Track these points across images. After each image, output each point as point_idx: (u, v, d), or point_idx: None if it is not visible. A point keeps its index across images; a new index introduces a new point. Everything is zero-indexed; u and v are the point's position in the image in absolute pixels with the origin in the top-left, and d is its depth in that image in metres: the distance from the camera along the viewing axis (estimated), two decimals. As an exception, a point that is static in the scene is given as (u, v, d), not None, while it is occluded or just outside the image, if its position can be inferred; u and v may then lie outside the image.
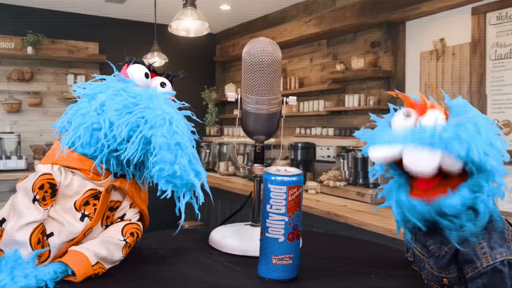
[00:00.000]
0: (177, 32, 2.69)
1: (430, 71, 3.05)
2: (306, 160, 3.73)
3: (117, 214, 0.86)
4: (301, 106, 4.04)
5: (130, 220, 0.86)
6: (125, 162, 0.77)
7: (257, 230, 0.81)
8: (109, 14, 4.77)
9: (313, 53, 4.13)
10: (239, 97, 0.96)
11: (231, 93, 0.97)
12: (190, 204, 0.73)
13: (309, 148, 3.75)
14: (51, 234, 0.76)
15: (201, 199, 0.73)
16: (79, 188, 0.77)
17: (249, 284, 0.75)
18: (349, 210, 2.70)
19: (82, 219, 0.78)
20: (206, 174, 0.74)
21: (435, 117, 0.63)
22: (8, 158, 4.18)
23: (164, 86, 0.84)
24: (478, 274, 0.64)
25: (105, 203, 0.80)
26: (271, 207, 0.74)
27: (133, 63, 0.83)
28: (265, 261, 0.76)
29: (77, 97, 0.78)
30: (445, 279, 0.70)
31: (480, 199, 0.61)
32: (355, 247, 1.05)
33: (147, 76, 0.82)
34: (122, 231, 0.82)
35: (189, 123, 0.79)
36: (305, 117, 4.15)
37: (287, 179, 0.73)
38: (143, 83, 0.80)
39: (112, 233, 0.81)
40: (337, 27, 3.54)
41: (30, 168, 4.26)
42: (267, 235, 0.75)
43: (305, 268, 0.80)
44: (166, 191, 0.69)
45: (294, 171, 0.76)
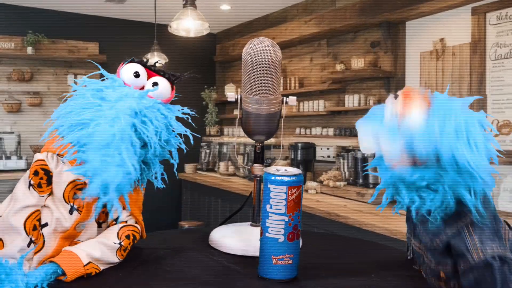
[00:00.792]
0: (177, 32, 2.69)
1: (430, 71, 3.05)
2: (306, 160, 3.73)
3: (110, 214, 0.85)
4: (301, 106, 4.04)
5: (126, 222, 0.86)
6: None
7: (257, 230, 0.81)
8: (109, 14, 4.77)
9: (313, 53, 4.13)
10: (239, 97, 0.96)
11: (231, 93, 0.97)
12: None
13: (309, 148, 3.75)
14: (46, 224, 0.77)
15: (114, 203, 0.72)
16: (68, 177, 0.78)
17: (249, 284, 0.75)
18: (349, 210, 2.70)
19: (71, 212, 0.79)
20: (128, 178, 0.71)
21: (412, 113, 0.66)
22: (8, 158, 4.18)
23: (156, 86, 0.83)
24: (469, 268, 0.65)
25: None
26: (271, 207, 0.74)
27: (130, 62, 0.82)
28: (265, 261, 0.76)
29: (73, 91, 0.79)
30: (441, 272, 0.70)
31: (441, 181, 0.63)
32: (355, 247, 1.05)
33: (137, 75, 0.80)
34: (118, 234, 0.82)
35: (178, 123, 0.80)
36: (305, 117, 4.15)
37: (287, 179, 0.74)
38: (132, 83, 0.80)
39: (108, 235, 0.82)
40: (337, 27, 3.54)
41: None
42: (267, 235, 0.75)
43: (305, 268, 0.80)
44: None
45: (294, 171, 0.76)
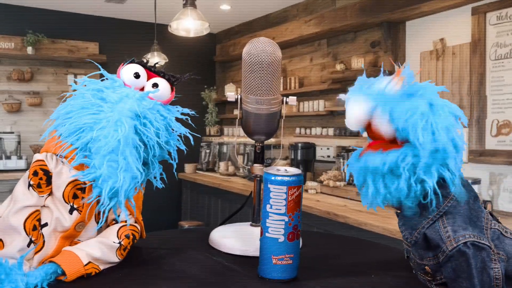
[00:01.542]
0: (177, 32, 2.69)
1: (430, 71, 3.05)
2: (306, 160, 3.73)
3: (111, 214, 0.85)
4: (301, 106, 4.04)
5: (126, 221, 0.86)
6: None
7: (257, 230, 0.81)
8: (109, 14, 4.77)
9: (313, 53, 4.13)
10: (239, 97, 0.96)
11: (231, 93, 0.97)
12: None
13: (309, 148, 3.75)
14: (46, 224, 0.77)
15: (122, 207, 0.74)
16: (67, 177, 0.78)
17: (249, 284, 0.75)
18: (349, 210, 2.70)
19: (71, 212, 0.79)
20: (135, 182, 0.73)
21: (387, 82, 0.68)
22: (8, 158, 4.18)
23: (156, 87, 0.83)
24: (446, 258, 0.65)
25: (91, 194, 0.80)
26: (271, 207, 0.74)
27: (130, 63, 0.82)
28: (265, 261, 0.76)
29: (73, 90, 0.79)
30: (426, 267, 0.71)
31: (403, 166, 0.64)
32: (355, 247, 1.05)
33: (137, 76, 0.80)
34: (117, 233, 0.82)
35: (178, 123, 0.80)
36: (305, 117, 4.15)
37: (287, 179, 0.74)
38: (132, 83, 0.80)
39: (107, 234, 0.82)
40: (337, 27, 3.54)
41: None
42: (267, 235, 0.75)
43: (305, 268, 0.80)
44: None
45: (294, 171, 0.76)
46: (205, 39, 4.70)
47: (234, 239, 0.94)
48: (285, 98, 0.97)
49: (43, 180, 0.76)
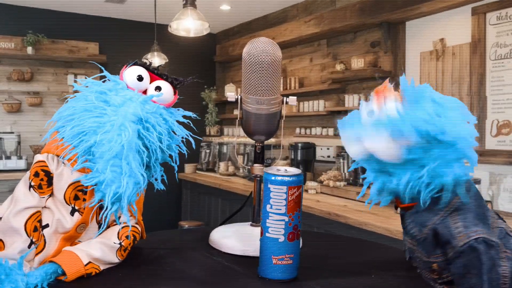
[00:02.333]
0: (177, 32, 2.69)
1: (430, 71, 3.05)
2: (306, 160, 3.73)
3: (112, 216, 0.85)
4: (301, 106, 4.04)
5: (126, 222, 0.86)
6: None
7: (257, 230, 0.81)
8: (109, 14, 4.77)
9: (313, 53, 4.13)
10: (239, 97, 0.96)
11: (231, 93, 0.97)
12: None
13: (309, 148, 3.75)
14: (47, 225, 0.77)
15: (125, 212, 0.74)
16: (68, 179, 0.78)
17: (249, 284, 0.75)
18: (349, 210, 2.70)
19: (72, 214, 0.79)
20: (138, 187, 0.73)
21: (391, 107, 0.67)
22: (8, 158, 4.18)
23: (159, 90, 0.83)
24: (457, 254, 0.65)
25: (93, 198, 0.80)
26: (271, 207, 0.74)
27: (133, 65, 0.82)
28: (265, 261, 0.76)
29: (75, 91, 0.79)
30: (434, 264, 0.71)
31: (425, 157, 0.65)
32: (356, 247, 1.05)
33: (140, 79, 0.80)
34: (118, 234, 0.82)
35: (180, 126, 0.80)
36: (305, 117, 4.15)
37: (287, 179, 0.74)
38: (135, 86, 0.80)
39: (108, 235, 0.82)
40: (337, 27, 3.54)
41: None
42: (267, 235, 0.75)
43: (305, 268, 0.80)
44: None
45: (294, 171, 0.76)
46: (205, 39, 4.70)
47: (234, 239, 0.94)
48: (285, 98, 0.97)
49: (44, 181, 0.76)
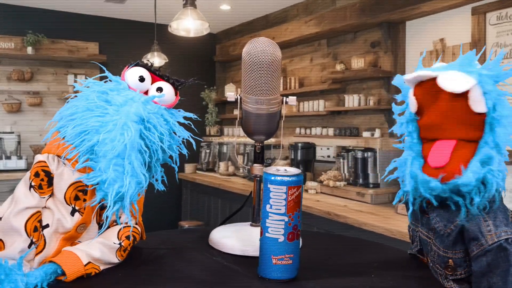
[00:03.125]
0: (177, 32, 2.69)
1: (430, 71, 3.05)
2: (306, 160, 3.73)
3: (112, 216, 0.85)
4: (301, 106, 4.04)
5: (126, 222, 0.86)
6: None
7: (257, 230, 0.81)
8: (109, 14, 4.77)
9: (313, 53, 4.13)
10: (239, 97, 0.96)
11: (231, 93, 0.97)
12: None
13: (309, 148, 3.75)
14: (47, 225, 0.77)
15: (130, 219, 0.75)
16: (69, 179, 0.78)
17: (249, 284, 0.75)
18: (349, 210, 2.70)
19: (72, 214, 0.79)
20: (140, 187, 0.74)
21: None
22: (8, 158, 4.18)
23: (161, 91, 0.83)
24: (483, 251, 0.65)
25: (93, 197, 0.80)
26: (271, 207, 0.74)
27: (135, 66, 0.82)
28: (265, 261, 0.76)
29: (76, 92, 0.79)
30: (450, 260, 0.70)
31: (490, 172, 0.63)
32: (355, 247, 1.05)
33: (142, 79, 0.80)
34: (118, 234, 0.82)
35: (181, 127, 0.80)
36: (305, 117, 4.15)
37: (287, 179, 0.74)
38: (137, 87, 0.80)
39: (108, 235, 0.82)
40: (337, 27, 3.54)
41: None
42: (267, 235, 0.75)
43: (305, 268, 0.80)
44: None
45: (294, 171, 0.76)
46: (205, 39, 4.70)
47: (234, 239, 0.94)
48: (285, 98, 0.97)
49: (44, 181, 0.76)
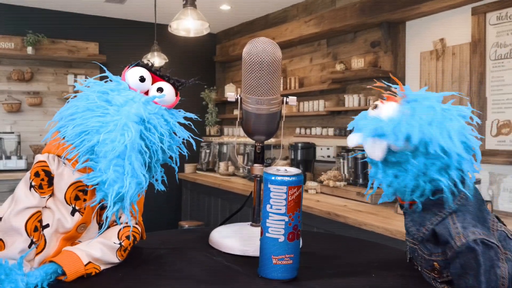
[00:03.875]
0: (177, 32, 2.69)
1: (430, 71, 3.05)
2: (306, 160, 3.73)
3: (112, 216, 0.85)
4: (301, 106, 4.04)
5: (126, 222, 0.86)
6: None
7: (257, 230, 0.81)
8: (109, 14, 4.77)
9: (313, 53, 4.13)
10: (239, 97, 0.96)
11: (231, 93, 0.97)
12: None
13: (309, 148, 3.75)
14: (47, 225, 0.77)
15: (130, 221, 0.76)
16: (69, 179, 0.78)
17: (249, 284, 0.75)
18: (349, 210, 2.70)
19: (73, 214, 0.79)
20: (140, 187, 0.74)
21: (386, 109, 0.69)
22: (8, 158, 4.18)
23: (161, 91, 0.83)
24: (455, 254, 0.66)
25: (93, 197, 0.80)
26: (271, 207, 0.74)
27: (135, 66, 0.82)
28: (265, 261, 0.76)
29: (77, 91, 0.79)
30: (435, 263, 0.71)
31: (411, 163, 0.66)
32: (355, 247, 1.05)
33: (142, 80, 0.80)
34: (118, 234, 0.82)
35: (181, 127, 0.80)
36: (305, 117, 4.15)
37: (287, 179, 0.74)
38: (137, 87, 0.80)
39: (108, 235, 0.82)
40: (337, 27, 3.54)
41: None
42: (267, 235, 0.75)
43: (305, 268, 0.80)
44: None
45: (294, 171, 0.76)
46: (205, 39, 4.70)
47: (234, 239, 0.94)
48: (285, 98, 0.97)
49: (44, 181, 0.76)
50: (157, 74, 0.83)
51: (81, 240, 0.81)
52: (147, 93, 0.81)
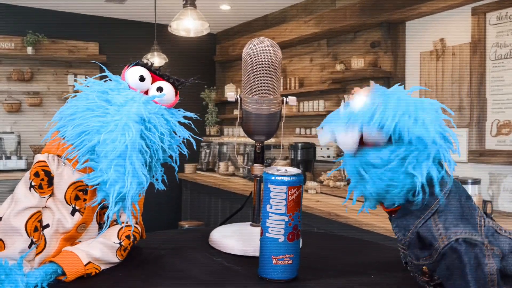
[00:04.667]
0: (177, 32, 2.69)
1: (430, 71, 3.05)
2: (306, 160, 3.73)
3: (118, 219, 0.86)
4: (301, 106, 4.04)
5: (126, 222, 0.86)
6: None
7: (257, 230, 0.81)
8: (109, 14, 4.77)
9: (313, 53, 4.13)
10: (239, 97, 0.96)
11: (231, 93, 0.97)
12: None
13: (309, 148, 3.75)
14: (47, 225, 0.77)
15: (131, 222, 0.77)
16: (69, 179, 0.78)
17: (249, 284, 0.75)
18: (349, 210, 2.70)
19: (73, 214, 0.79)
20: (141, 187, 0.74)
21: (357, 101, 0.67)
22: (8, 158, 4.18)
23: (161, 90, 0.83)
24: (439, 256, 0.65)
25: (94, 197, 0.80)
26: (271, 207, 0.74)
27: (135, 66, 0.82)
28: (265, 261, 0.76)
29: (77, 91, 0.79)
30: (424, 267, 0.70)
31: (392, 159, 0.64)
32: (355, 247, 1.05)
33: (142, 79, 0.80)
34: (118, 234, 0.82)
35: (181, 127, 0.80)
36: (305, 117, 4.15)
37: (287, 179, 0.74)
38: (137, 86, 0.80)
39: (108, 235, 0.82)
40: (337, 27, 3.54)
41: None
42: (267, 235, 0.75)
43: (305, 268, 0.80)
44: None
45: (294, 171, 0.76)
46: (205, 39, 4.70)
47: (234, 239, 0.94)
48: (285, 98, 0.97)
49: (44, 181, 0.76)
50: (157, 73, 0.83)
51: (81, 240, 0.81)
52: (146, 92, 0.81)
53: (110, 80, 0.80)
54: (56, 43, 4.51)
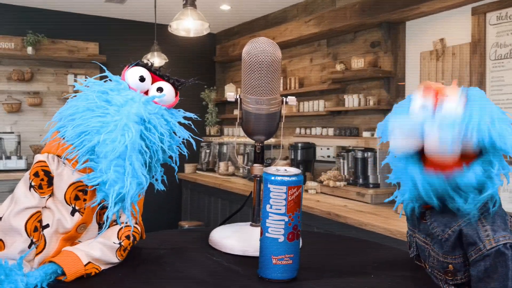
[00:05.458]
0: (177, 32, 2.69)
1: (430, 71, 3.05)
2: (306, 160, 3.73)
3: (118, 220, 0.86)
4: (301, 106, 4.04)
5: (126, 222, 0.86)
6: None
7: (257, 230, 0.81)
8: (109, 14, 4.77)
9: (313, 53, 4.13)
10: (239, 97, 0.96)
11: (231, 93, 0.97)
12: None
13: (309, 148, 3.75)
14: (47, 225, 0.77)
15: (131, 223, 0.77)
16: (69, 179, 0.78)
17: (249, 284, 0.75)
18: (349, 210, 2.70)
19: (73, 214, 0.79)
20: (140, 188, 0.74)
21: (455, 105, 0.65)
22: (8, 158, 4.18)
23: (161, 91, 0.83)
24: (481, 256, 0.65)
25: (93, 198, 0.80)
26: (271, 207, 0.74)
27: (135, 66, 0.82)
28: (265, 261, 0.76)
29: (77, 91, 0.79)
30: (450, 265, 0.70)
31: (490, 176, 0.64)
32: (355, 247, 1.05)
33: (142, 79, 0.80)
34: (118, 234, 0.82)
35: (181, 127, 0.80)
36: (305, 117, 4.15)
37: (287, 179, 0.74)
38: (137, 87, 0.80)
39: (108, 235, 0.82)
40: (337, 27, 3.54)
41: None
42: (267, 235, 0.75)
43: (305, 268, 0.80)
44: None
45: (294, 171, 0.76)
46: (205, 39, 4.70)
47: (234, 239, 0.94)
48: (285, 98, 0.97)
49: (44, 181, 0.76)
50: (157, 73, 0.83)
51: (81, 240, 0.81)
52: (146, 92, 0.81)
53: (110, 80, 0.80)
54: (56, 43, 4.51)
